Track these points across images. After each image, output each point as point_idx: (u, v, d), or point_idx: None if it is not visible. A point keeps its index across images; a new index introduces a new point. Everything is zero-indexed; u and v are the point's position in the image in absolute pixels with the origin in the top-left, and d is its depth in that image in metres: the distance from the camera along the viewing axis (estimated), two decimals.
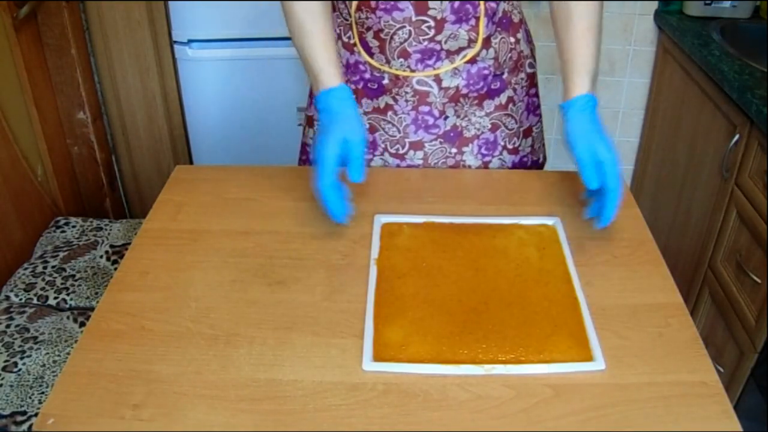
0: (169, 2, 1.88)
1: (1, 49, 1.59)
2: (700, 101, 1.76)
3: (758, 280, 1.39)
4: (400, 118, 1.09)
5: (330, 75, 0.96)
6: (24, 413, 1.16)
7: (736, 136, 1.51)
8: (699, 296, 1.70)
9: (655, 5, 2.05)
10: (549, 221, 0.96)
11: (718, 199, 1.61)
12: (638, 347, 0.77)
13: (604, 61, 2.14)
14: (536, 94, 1.19)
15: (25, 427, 1.15)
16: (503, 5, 1.06)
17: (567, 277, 0.86)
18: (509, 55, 1.09)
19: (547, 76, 2.16)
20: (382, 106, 1.10)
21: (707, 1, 1.92)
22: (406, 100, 1.08)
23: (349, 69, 1.10)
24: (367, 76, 1.08)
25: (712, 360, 0.75)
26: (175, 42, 1.95)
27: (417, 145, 1.12)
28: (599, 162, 0.90)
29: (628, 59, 2.15)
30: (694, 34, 1.80)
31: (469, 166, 1.13)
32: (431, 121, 1.09)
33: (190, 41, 1.93)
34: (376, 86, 1.08)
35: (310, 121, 1.21)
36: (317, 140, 0.94)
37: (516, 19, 1.10)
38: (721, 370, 1.53)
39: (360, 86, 1.10)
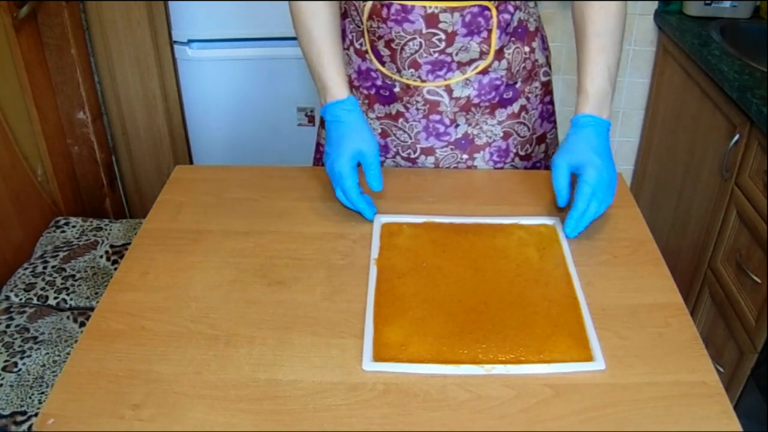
0: (169, 2, 1.88)
1: (1, 49, 1.59)
2: (700, 101, 1.76)
3: (758, 280, 1.39)
4: (411, 125, 1.09)
5: (339, 86, 1.00)
6: (24, 413, 1.16)
7: (736, 136, 1.51)
8: (699, 296, 1.70)
9: (655, 5, 2.05)
10: (549, 221, 0.96)
11: (718, 199, 1.61)
12: (638, 347, 0.77)
13: None
14: (551, 102, 1.16)
15: (25, 427, 1.15)
16: (519, 14, 1.03)
17: (567, 277, 0.86)
18: (523, 65, 1.07)
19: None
20: (393, 112, 1.09)
21: (707, 1, 1.92)
22: (417, 109, 1.07)
23: (361, 75, 1.09)
24: (379, 83, 1.08)
25: (712, 360, 0.75)
26: (175, 42, 1.94)
27: (428, 151, 1.11)
28: (577, 176, 0.92)
29: (628, 59, 2.15)
30: (694, 34, 1.80)
31: None
32: (442, 129, 1.09)
33: (190, 41, 1.93)
34: (387, 93, 1.08)
35: (324, 122, 1.21)
36: (330, 153, 0.97)
37: (532, 28, 1.07)
38: (721, 370, 1.53)
39: (372, 92, 1.09)
